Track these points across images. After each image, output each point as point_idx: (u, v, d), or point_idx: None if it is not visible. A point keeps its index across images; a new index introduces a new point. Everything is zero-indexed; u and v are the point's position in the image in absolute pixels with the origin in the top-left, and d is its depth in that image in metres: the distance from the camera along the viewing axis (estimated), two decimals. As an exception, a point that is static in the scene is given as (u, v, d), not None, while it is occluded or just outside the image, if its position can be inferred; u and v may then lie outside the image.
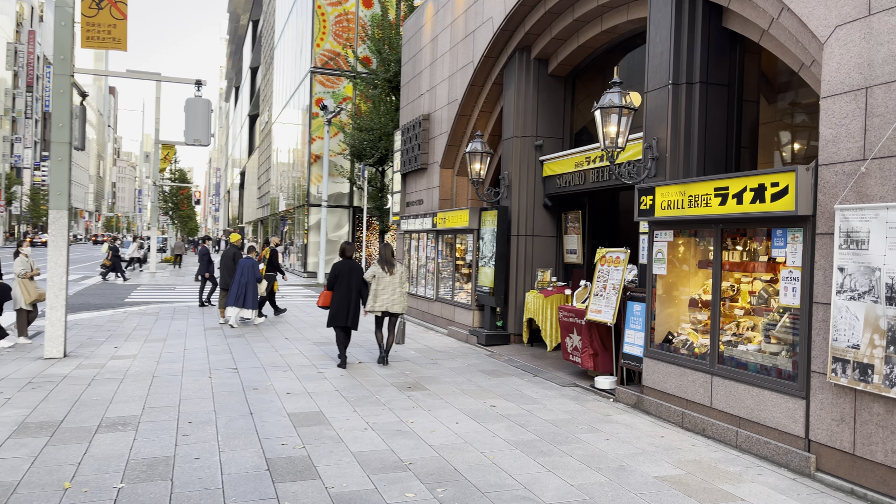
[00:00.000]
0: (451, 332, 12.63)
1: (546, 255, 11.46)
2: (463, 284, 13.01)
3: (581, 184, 10.18)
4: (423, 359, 10.20)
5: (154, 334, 12.13)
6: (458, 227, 12.56)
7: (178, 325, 13.55)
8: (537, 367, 9.47)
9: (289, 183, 39.37)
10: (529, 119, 11.36)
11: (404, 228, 15.81)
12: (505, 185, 11.55)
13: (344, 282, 9.04)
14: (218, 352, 10.37)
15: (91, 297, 19.35)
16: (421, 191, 15.16)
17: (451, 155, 13.90)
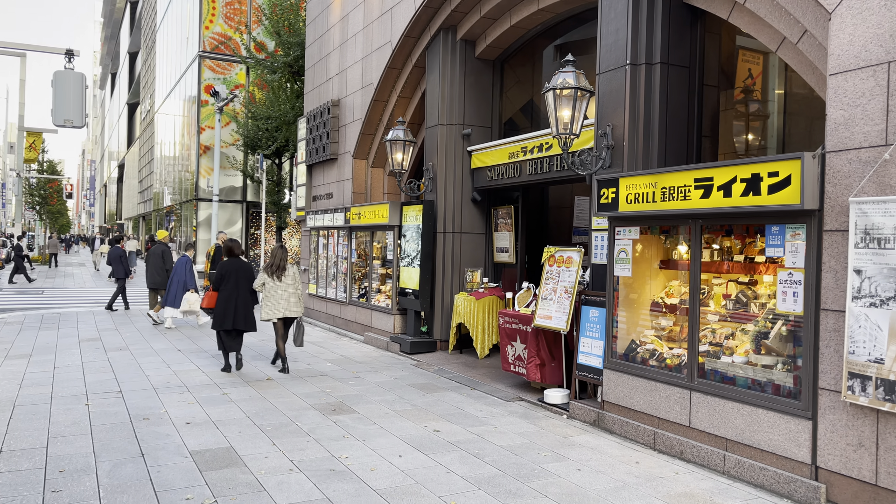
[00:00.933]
0: (368, 338, 11.50)
1: (475, 254, 10.56)
2: (381, 286, 11.90)
3: (515, 176, 9.34)
4: (342, 372, 9.03)
5: (16, 349, 10.28)
6: (376, 223, 11.43)
7: (47, 336, 11.66)
8: (473, 379, 8.54)
9: (175, 176, 36.61)
10: (456, 106, 10.40)
11: (311, 225, 14.49)
12: (429, 178, 10.55)
13: (231, 282, 8.42)
14: (97, 370, 8.77)
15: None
16: (330, 183, 13.90)
17: (365, 144, 12.74)
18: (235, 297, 8.41)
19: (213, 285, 8.55)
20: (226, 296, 8.39)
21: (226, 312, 8.37)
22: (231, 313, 8.39)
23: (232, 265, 8.52)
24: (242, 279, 8.50)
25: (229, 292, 8.41)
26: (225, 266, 8.49)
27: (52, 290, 21.50)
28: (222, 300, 8.40)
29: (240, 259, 8.58)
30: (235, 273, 8.48)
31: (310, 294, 14.73)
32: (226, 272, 8.45)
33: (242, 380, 8.46)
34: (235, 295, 8.41)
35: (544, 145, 8.70)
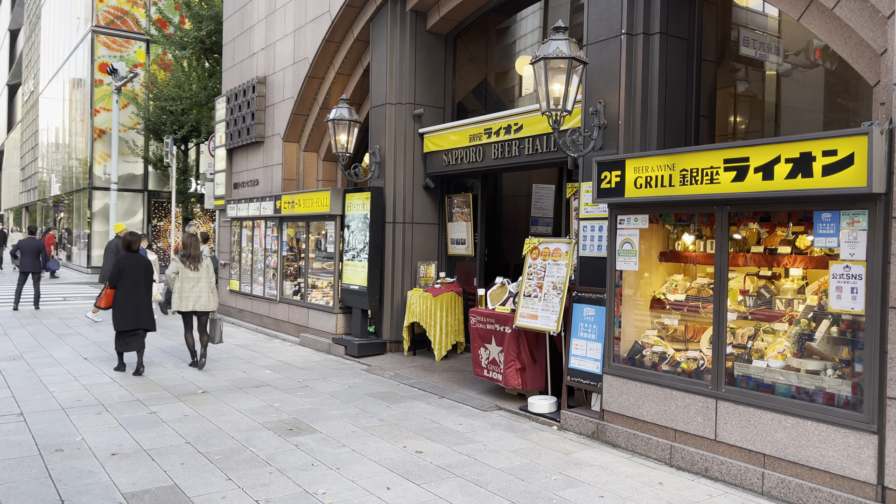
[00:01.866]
0: (305, 340, 10.40)
1: (428, 247, 9.66)
2: (318, 282, 10.81)
3: (477, 161, 8.51)
4: (285, 381, 7.95)
5: None
6: (313, 212, 10.32)
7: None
8: (438, 386, 7.68)
9: (64, 163, 33.53)
10: (406, 83, 9.46)
11: (233, 215, 13.14)
12: (375, 162, 9.56)
13: (130, 278, 7.85)
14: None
15: None
16: (255, 169, 12.61)
17: (297, 126, 11.56)
18: (136, 294, 7.85)
19: (110, 282, 7.87)
20: (126, 293, 7.79)
21: (127, 311, 7.79)
22: (133, 312, 7.82)
23: (130, 260, 7.91)
24: (142, 275, 7.95)
25: (129, 289, 7.82)
26: (123, 262, 7.86)
27: (-79, 290, 18.91)
28: (122, 298, 7.78)
29: (138, 253, 8.04)
30: (135, 269, 7.89)
31: (231, 291, 13.39)
32: (124, 268, 7.82)
33: (170, 393, 7.24)
34: (136, 292, 7.85)
35: (513, 126, 7.92)
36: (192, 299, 8.19)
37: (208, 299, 8.30)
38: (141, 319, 7.88)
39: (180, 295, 8.13)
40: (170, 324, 11.96)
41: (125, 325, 7.82)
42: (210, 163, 17.26)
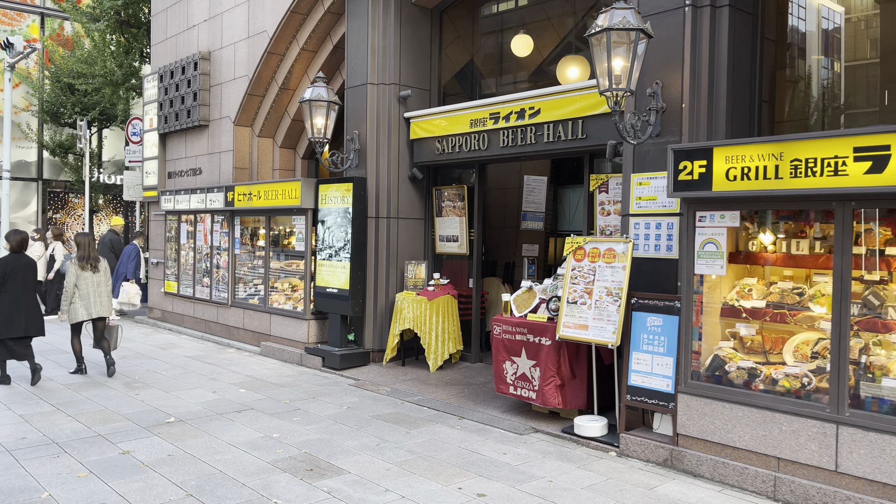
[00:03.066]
0: (268, 350, 9.18)
1: (414, 244, 8.69)
2: (279, 284, 9.60)
3: (481, 149, 7.62)
4: (269, 402, 6.80)
5: None
6: (278, 205, 9.11)
7: None
8: (449, 403, 6.76)
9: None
10: (390, 61, 8.43)
11: (168, 207, 11.63)
12: (354, 150, 8.48)
13: (18, 281, 7.19)
14: None
15: None
16: (198, 156, 11.18)
17: (251, 108, 10.26)
18: (24, 298, 7.20)
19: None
20: (12, 298, 7.12)
21: (14, 317, 7.10)
22: (21, 317, 7.14)
23: (17, 262, 7.25)
24: (30, 278, 7.34)
25: (17, 295, 7.16)
26: (9, 262, 7.20)
27: None
28: (7, 303, 7.09)
29: (24, 254, 7.37)
30: (22, 271, 7.25)
31: (167, 293, 11.88)
32: (10, 271, 7.15)
33: (134, 423, 5.97)
34: (23, 296, 7.21)
35: (527, 110, 7.08)
36: (97, 305, 7.63)
37: (108, 303, 7.78)
38: (30, 325, 7.23)
39: (80, 302, 7.51)
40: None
41: (12, 332, 7.10)
42: (131, 149, 15.50)
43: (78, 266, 7.54)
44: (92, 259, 7.63)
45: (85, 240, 7.67)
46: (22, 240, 7.34)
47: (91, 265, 7.61)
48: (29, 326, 7.22)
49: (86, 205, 14.74)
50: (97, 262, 7.68)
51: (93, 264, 7.62)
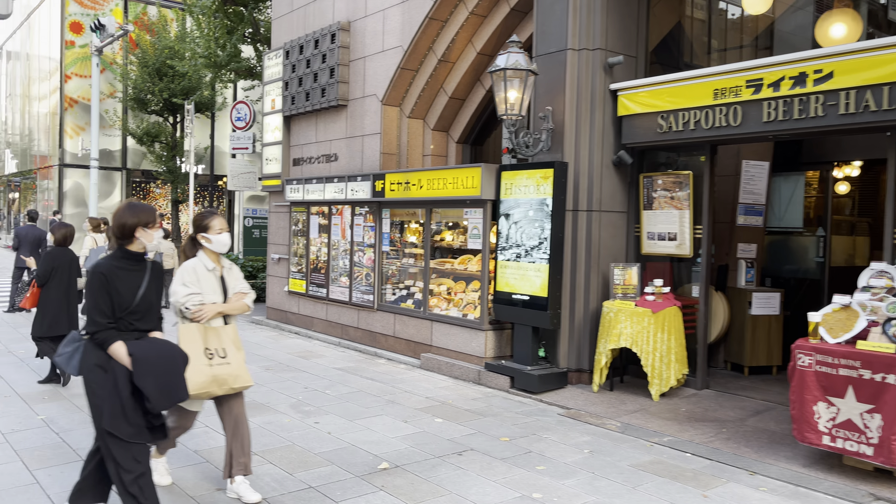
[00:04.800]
0: (430, 363, 7.90)
1: (614, 243, 7.29)
2: (437, 287, 8.29)
3: (727, 125, 6.14)
4: (483, 440, 5.48)
5: None
6: (447, 196, 7.80)
7: None
8: (719, 449, 5.32)
9: (24, 137, 29.69)
10: (596, 22, 7.01)
11: (296, 198, 10.46)
12: (546, 130, 7.09)
13: (64, 277, 6.90)
14: (51, 467, 4.65)
15: None
16: (333, 140, 9.96)
17: (402, 85, 8.97)
18: (68, 294, 6.93)
19: (39, 280, 6.81)
20: (57, 295, 6.83)
21: (58, 316, 6.81)
22: (65, 315, 6.87)
23: (62, 256, 6.93)
24: (74, 273, 7.05)
25: (62, 291, 6.87)
26: (55, 258, 6.88)
27: None
28: (54, 299, 6.80)
29: (69, 249, 7.02)
30: (69, 266, 6.96)
31: (291, 293, 10.74)
32: (57, 264, 6.87)
33: (349, 472, 4.72)
34: (67, 292, 6.93)
35: (810, 75, 5.56)
36: None
37: None
38: (73, 323, 6.90)
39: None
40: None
41: (58, 329, 6.73)
42: (236, 136, 14.46)
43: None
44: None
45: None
46: (67, 234, 6.98)
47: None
48: (72, 324, 6.90)
49: (190, 194, 13.71)
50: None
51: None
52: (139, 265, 3.55)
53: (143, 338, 3.54)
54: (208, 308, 4.05)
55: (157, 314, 3.66)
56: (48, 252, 6.93)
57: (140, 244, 3.54)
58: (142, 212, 3.53)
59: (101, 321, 3.40)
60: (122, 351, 3.40)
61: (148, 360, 3.42)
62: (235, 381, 4.08)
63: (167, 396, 3.48)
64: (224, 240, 4.18)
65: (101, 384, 3.41)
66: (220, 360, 4.03)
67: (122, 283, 3.45)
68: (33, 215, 12.13)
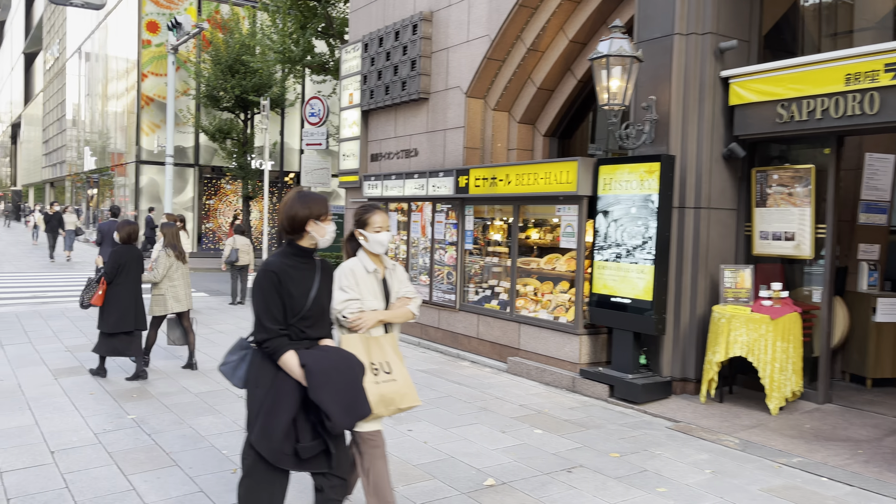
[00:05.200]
0: (517, 368, 7.53)
1: (723, 242, 6.76)
2: (523, 287, 7.91)
3: (861, 114, 5.55)
4: (591, 455, 5.08)
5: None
6: (539, 192, 7.40)
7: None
8: (859, 474, 4.79)
9: (102, 134, 30.63)
10: (707, 4, 6.49)
11: (374, 194, 10.22)
12: (650, 121, 6.61)
13: (131, 274, 7.02)
14: (145, 455, 4.47)
15: None
16: (413, 135, 9.69)
17: (487, 76, 8.62)
18: (134, 291, 7.03)
19: (107, 276, 6.91)
20: (126, 292, 6.94)
21: (125, 313, 6.90)
22: (132, 311, 6.96)
23: (128, 254, 7.03)
24: (139, 270, 7.14)
25: (130, 288, 6.98)
26: (121, 255, 6.99)
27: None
28: (121, 296, 6.90)
29: (134, 246, 7.14)
30: (135, 263, 7.07)
31: (368, 291, 10.52)
32: (124, 261, 6.97)
33: (454, 488, 4.39)
34: (134, 289, 7.03)
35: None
36: (187, 297, 7.43)
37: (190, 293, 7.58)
38: (140, 320, 7.02)
39: (171, 294, 7.26)
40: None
41: (124, 326, 6.87)
42: (308, 131, 14.38)
43: (170, 257, 7.27)
44: (179, 248, 7.39)
45: (171, 230, 7.41)
46: (131, 231, 7.09)
47: (180, 255, 7.37)
48: (140, 320, 7.01)
49: (265, 190, 13.70)
50: (185, 252, 7.45)
51: (181, 254, 7.38)
52: (309, 263, 3.15)
53: (313, 346, 3.12)
54: (368, 316, 3.47)
55: (328, 319, 3.26)
56: (115, 250, 7.01)
57: (311, 239, 3.13)
58: (313, 202, 3.11)
59: (273, 327, 2.97)
60: (295, 362, 2.98)
61: (324, 373, 2.97)
62: (403, 400, 3.48)
63: (349, 413, 3.02)
64: (382, 239, 3.59)
65: (265, 398, 3.02)
66: (386, 375, 3.44)
67: (294, 283, 3.04)
68: (115, 211, 12.29)
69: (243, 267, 12.45)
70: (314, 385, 2.94)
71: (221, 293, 14.76)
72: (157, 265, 7.21)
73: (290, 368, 2.98)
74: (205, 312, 11.50)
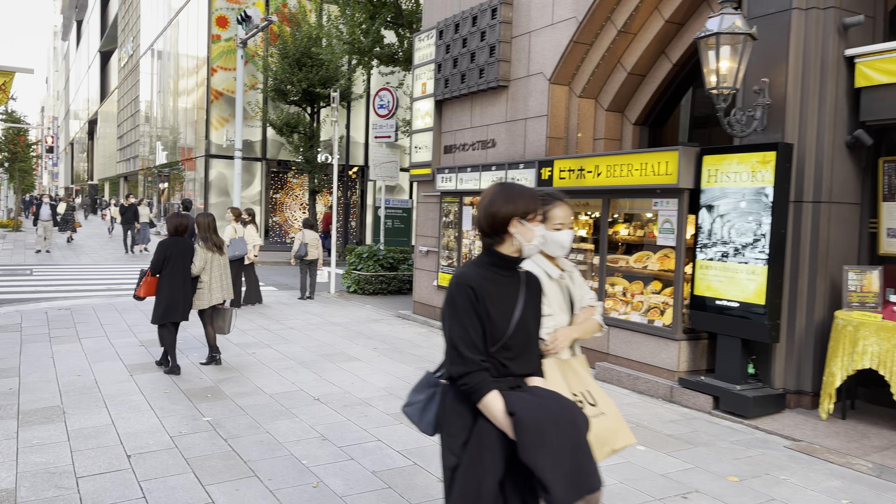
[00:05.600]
0: (608, 374, 7.00)
1: (845, 240, 6.09)
2: (620, 288, 7.37)
3: None
4: (705, 477, 4.55)
5: (31, 397, 5.71)
6: (634, 184, 6.85)
7: (69, 356, 7.32)
8: None
9: (173, 129, 31.26)
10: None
11: (447, 187, 9.83)
12: (762, 106, 5.97)
13: (178, 266, 6.97)
14: (235, 469, 4.19)
15: None
16: (490, 125, 9.23)
17: (573, 61, 8.09)
18: (182, 282, 7.00)
19: (153, 268, 6.96)
20: (173, 284, 6.93)
21: (173, 304, 6.91)
22: (180, 303, 6.95)
23: (177, 245, 7.00)
24: (187, 262, 7.06)
25: (177, 280, 6.96)
26: (169, 245, 6.96)
27: (45, 269, 16.48)
28: (169, 287, 6.90)
29: (183, 238, 7.08)
30: (182, 255, 7.01)
31: (441, 287, 10.15)
32: (171, 253, 6.94)
33: None
34: (182, 280, 6.99)
35: None
36: (224, 289, 7.28)
37: (229, 286, 7.41)
38: (186, 311, 6.98)
39: (211, 286, 7.13)
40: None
41: (173, 317, 6.88)
42: (378, 123, 14.09)
43: (205, 248, 7.12)
44: (213, 239, 7.20)
45: (206, 220, 7.29)
46: (179, 224, 7.02)
47: (217, 246, 7.21)
48: (186, 312, 6.97)
49: (334, 183, 13.44)
50: (221, 243, 7.30)
51: (218, 245, 7.23)
52: (512, 276, 2.46)
53: (519, 386, 2.42)
54: (562, 334, 2.76)
55: (537, 350, 2.51)
56: (161, 242, 6.97)
57: (514, 244, 2.42)
58: (520, 197, 2.42)
59: (473, 357, 2.29)
60: (500, 407, 2.27)
61: (540, 427, 2.22)
62: (617, 438, 2.82)
63: (574, 485, 2.23)
64: (562, 239, 2.87)
65: (462, 454, 2.35)
66: (591, 408, 2.77)
67: (493, 302, 2.35)
68: (187, 204, 12.26)
69: (312, 261, 12.27)
70: (527, 444, 2.21)
71: (290, 287, 14.66)
72: (195, 258, 7.07)
73: (493, 415, 2.28)
74: (275, 307, 11.34)
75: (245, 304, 11.27)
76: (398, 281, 13.54)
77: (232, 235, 10.82)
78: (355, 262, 13.60)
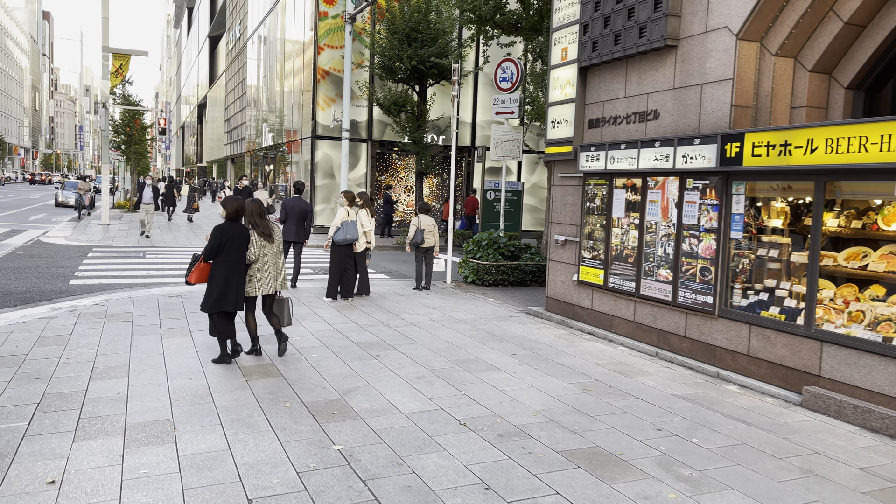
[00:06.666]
0: (823, 404, 5.52)
1: None
2: (840, 294, 5.85)
3: None
4: None
5: (140, 405, 4.97)
6: (867, 163, 5.30)
7: (181, 352, 6.50)
8: None
9: (278, 111, 31.16)
10: None
11: (593, 167, 8.48)
12: None
13: (232, 253, 6.40)
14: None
15: (14, 276, 11.57)
16: (652, 93, 7.80)
17: (770, 10, 6.54)
18: (237, 270, 6.45)
19: (206, 254, 6.39)
20: (228, 269, 6.39)
21: (227, 291, 6.37)
22: (234, 291, 6.41)
23: (234, 231, 6.43)
24: (243, 249, 6.51)
25: (231, 266, 6.41)
26: (225, 231, 6.40)
27: (157, 251, 16.32)
28: (223, 275, 6.36)
29: (240, 223, 6.53)
30: (238, 241, 6.44)
31: (582, 283, 8.85)
32: (227, 239, 6.38)
33: None
34: (236, 268, 6.45)
35: None
36: (280, 278, 6.78)
37: (284, 275, 6.89)
38: (240, 300, 6.50)
39: (263, 275, 6.62)
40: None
41: (226, 305, 6.40)
42: (500, 98, 12.85)
43: (261, 238, 6.60)
44: (262, 226, 6.61)
45: (254, 206, 6.68)
46: (238, 207, 6.49)
47: (268, 235, 6.63)
48: (240, 301, 6.49)
49: (452, 165, 12.32)
50: (273, 231, 6.74)
51: (267, 233, 6.63)
52: None
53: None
54: None
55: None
56: (217, 226, 6.47)
57: None
58: None
59: None
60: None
61: None
62: None
63: None
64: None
65: None
66: None
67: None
68: (299, 187, 11.47)
69: (429, 249, 11.24)
70: None
71: (401, 275, 13.74)
72: (251, 245, 6.54)
73: None
74: (390, 298, 10.39)
75: (358, 294, 10.39)
76: (520, 272, 12.33)
77: (344, 218, 9.92)
78: (473, 251, 12.48)
